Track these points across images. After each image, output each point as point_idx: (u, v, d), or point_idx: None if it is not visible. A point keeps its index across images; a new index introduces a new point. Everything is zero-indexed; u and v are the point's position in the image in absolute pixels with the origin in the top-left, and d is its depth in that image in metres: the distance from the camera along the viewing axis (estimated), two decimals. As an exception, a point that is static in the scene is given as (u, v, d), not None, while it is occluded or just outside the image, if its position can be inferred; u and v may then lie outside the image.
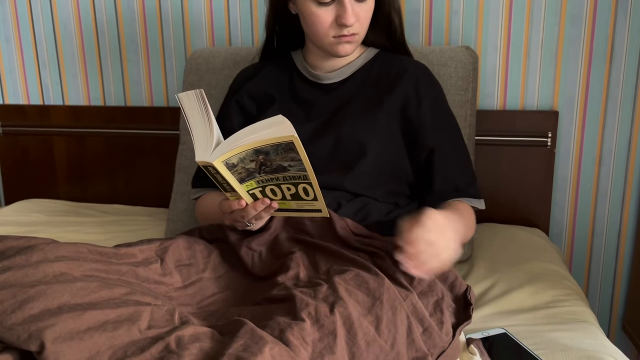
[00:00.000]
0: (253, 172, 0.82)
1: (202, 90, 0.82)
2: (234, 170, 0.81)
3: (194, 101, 0.82)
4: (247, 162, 0.80)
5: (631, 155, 1.47)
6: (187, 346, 0.60)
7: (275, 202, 0.86)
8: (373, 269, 0.80)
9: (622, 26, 1.41)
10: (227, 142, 0.79)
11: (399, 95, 1.09)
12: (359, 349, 0.69)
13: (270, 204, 0.86)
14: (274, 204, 0.86)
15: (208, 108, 0.82)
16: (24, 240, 0.77)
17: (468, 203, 1.08)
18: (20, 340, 0.58)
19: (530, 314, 1.02)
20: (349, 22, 0.99)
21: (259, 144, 0.77)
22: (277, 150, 0.78)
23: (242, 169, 0.81)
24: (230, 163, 0.80)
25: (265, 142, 0.77)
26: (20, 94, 1.80)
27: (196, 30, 1.63)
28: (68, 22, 1.71)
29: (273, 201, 0.86)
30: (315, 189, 0.83)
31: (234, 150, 0.78)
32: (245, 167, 0.81)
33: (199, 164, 0.81)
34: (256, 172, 0.82)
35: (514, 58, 1.47)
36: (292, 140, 0.76)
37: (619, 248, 1.53)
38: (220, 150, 0.79)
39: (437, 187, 1.07)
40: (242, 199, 0.86)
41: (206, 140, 0.81)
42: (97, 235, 1.41)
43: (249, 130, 0.78)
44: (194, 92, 0.82)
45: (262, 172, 0.82)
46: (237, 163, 0.80)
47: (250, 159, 0.80)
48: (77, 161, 1.76)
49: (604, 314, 1.59)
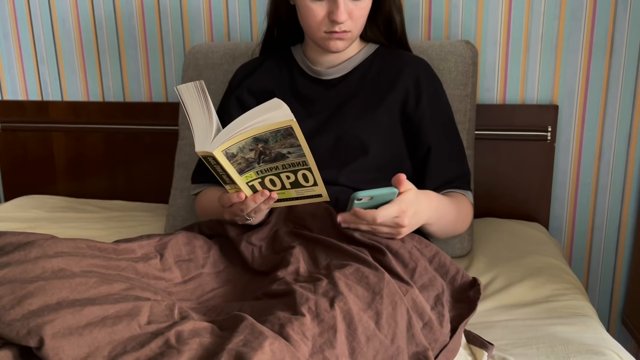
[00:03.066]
0: (252, 162, 0.82)
1: (202, 81, 0.82)
2: (233, 160, 0.81)
3: (193, 92, 0.82)
4: (246, 151, 0.80)
5: (631, 149, 1.47)
6: (187, 341, 0.60)
7: (275, 193, 0.86)
8: (373, 263, 0.80)
9: (622, 19, 1.40)
10: (226, 131, 0.79)
11: (399, 91, 1.09)
12: (359, 343, 0.69)
13: (269, 195, 0.86)
14: (273, 195, 0.86)
15: (208, 99, 0.82)
16: (23, 236, 0.77)
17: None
18: (19, 336, 0.58)
19: (530, 308, 1.02)
20: (340, 19, 0.99)
21: (258, 131, 0.77)
22: (277, 137, 0.78)
23: (242, 159, 0.81)
24: (230, 153, 0.80)
25: (264, 129, 0.77)
26: (19, 90, 1.80)
27: (195, 26, 1.62)
28: (66, 17, 1.70)
29: (272, 192, 0.86)
30: (315, 173, 0.83)
31: (234, 139, 0.78)
32: (245, 156, 0.81)
33: (199, 154, 0.81)
34: (255, 162, 0.82)
35: (513, 52, 1.47)
36: (290, 125, 0.76)
37: (618, 242, 1.53)
38: (219, 139, 0.79)
39: (432, 181, 1.08)
40: (241, 191, 0.86)
41: (206, 131, 0.81)
42: (96, 231, 1.41)
43: (248, 116, 0.78)
44: (194, 84, 0.82)
45: (262, 161, 0.82)
46: (237, 153, 0.80)
47: (250, 148, 0.80)
48: (76, 157, 1.75)
49: (603, 307, 1.59)
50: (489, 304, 1.04)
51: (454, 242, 1.25)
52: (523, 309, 1.02)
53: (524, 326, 0.95)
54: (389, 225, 0.89)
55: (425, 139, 1.09)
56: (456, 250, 1.25)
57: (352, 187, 1.04)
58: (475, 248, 1.29)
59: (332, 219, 0.93)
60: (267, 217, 0.97)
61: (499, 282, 1.12)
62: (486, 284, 1.12)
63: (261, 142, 0.79)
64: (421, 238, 0.96)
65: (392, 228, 0.89)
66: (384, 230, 0.90)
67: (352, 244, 0.89)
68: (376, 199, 0.87)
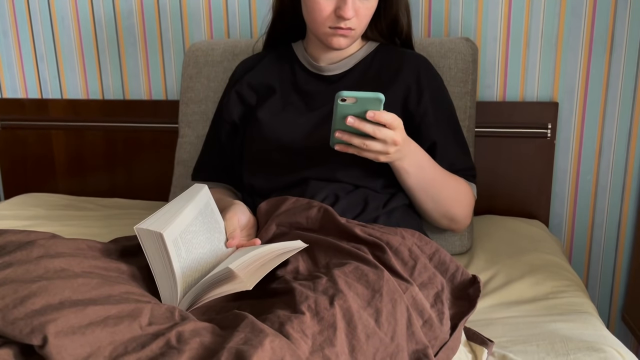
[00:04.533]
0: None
1: (162, 234, 0.72)
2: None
3: (153, 242, 0.74)
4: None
5: (631, 147, 1.47)
6: (188, 341, 0.60)
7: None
8: (372, 261, 0.80)
9: (623, 17, 1.40)
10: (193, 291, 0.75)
11: (400, 88, 1.09)
12: (358, 341, 0.69)
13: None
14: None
15: (169, 253, 0.74)
16: (24, 234, 0.77)
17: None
18: (22, 334, 0.59)
19: (530, 305, 1.02)
20: (347, 15, 0.99)
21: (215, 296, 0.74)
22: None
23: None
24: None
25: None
26: (19, 88, 1.80)
27: (194, 23, 1.62)
28: (65, 15, 1.70)
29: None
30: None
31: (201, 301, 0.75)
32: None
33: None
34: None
35: (513, 49, 1.47)
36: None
37: (618, 239, 1.53)
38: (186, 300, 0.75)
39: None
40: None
41: (170, 289, 0.75)
42: (96, 229, 1.41)
43: (209, 279, 0.75)
44: (154, 234, 0.73)
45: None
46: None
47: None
48: (76, 155, 1.75)
49: (603, 305, 1.59)
50: (489, 301, 1.05)
51: (453, 239, 1.25)
52: (523, 306, 1.02)
53: (524, 323, 0.95)
54: (383, 140, 0.88)
55: (429, 135, 1.09)
56: (456, 247, 1.26)
57: (351, 183, 1.04)
58: (475, 245, 1.29)
59: (330, 217, 0.93)
60: (266, 220, 0.98)
61: (499, 279, 1.12)
62: (486, 281, 1.12)
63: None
64: (421, 235, 0.97)
65: (385, 145, 0.89)
66: (376, 148, 0.89)
67: (352, 240, 0.89)
68: (360, 103, 0.85)
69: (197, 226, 0.82)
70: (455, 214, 1.10)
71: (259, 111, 1.11)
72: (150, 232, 0.73)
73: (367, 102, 0.86)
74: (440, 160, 1.08)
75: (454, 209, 1.09)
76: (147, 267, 0.79)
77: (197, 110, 1.43)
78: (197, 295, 0.75)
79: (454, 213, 1.09)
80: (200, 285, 0.74)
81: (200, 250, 0.80)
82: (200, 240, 0.81)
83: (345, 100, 0.85)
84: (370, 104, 0.86)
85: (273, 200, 1.01)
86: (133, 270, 0.79)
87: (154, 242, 0.74)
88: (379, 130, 0.87)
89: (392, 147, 0.90)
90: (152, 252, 0.75)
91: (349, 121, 0.87)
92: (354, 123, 0.87)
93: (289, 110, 1.10)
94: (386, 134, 0.88)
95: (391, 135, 0.88)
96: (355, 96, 0.85)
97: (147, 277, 0.80)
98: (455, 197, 1.08)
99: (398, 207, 1.07)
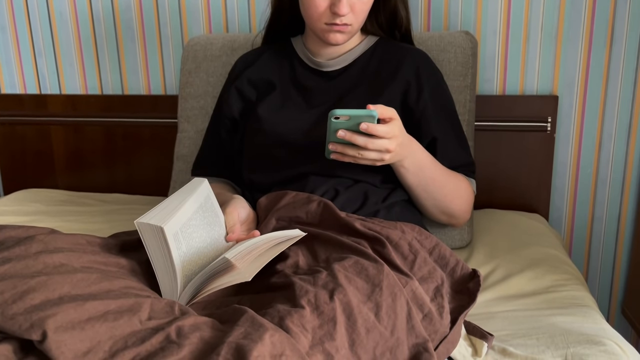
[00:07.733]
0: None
1: (162, 228, 0.72)
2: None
3: (154, 236, 0.74)
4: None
5: (631, 140, 1.47)
6: (188, 335, 0.60)
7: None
8: (372, 255, 0.80)
9: (623, 9, 1.40)
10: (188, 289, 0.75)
11: (399, 83, 1.09)
12: (358, 335, 0.69)
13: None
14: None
15: (169, 247, 0.74)
16: (23, 229, 0.77)
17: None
18: (22, 330, 0.58)
19: (530, 299, 1.02)
20: (341, 11, 0.99)
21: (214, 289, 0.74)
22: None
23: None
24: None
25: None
26: (17, 84, 1.79)
27: (193, 17, 1.61)
28: (64, 10, 1.69)
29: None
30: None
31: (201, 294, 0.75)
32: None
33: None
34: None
35: (513, 43, 1.46)
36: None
37: (618, 233, 1.53)
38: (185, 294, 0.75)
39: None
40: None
41: (171, 283, 0.75)
42: (95, 224, 1.41)
43: (207, 270, 0.75)
44: (155, 228, 0.73)
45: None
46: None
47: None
48: (75, 150, 1.75)
49: (603, 298, 1.59)
50: (488, 295, 1.05)
51: (453, 233, 1.25)
52: (523, 300, 1.02)
53: (524, 317, 0.95)
54: (377, 150, 0.89)
55: (428, 130, 1.09)
56: (456, 241, 1.26)
57: (350, 178, 1.04)
58: (475, 239, 1.29)
59: (330, 211, 0.93)
60: (266, 215, 0.98)
61: (499, 273, 1.12)
62: (486, 275, 1.12)
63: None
64: (421, 229, 0.96)
65: (379, 153, 0.89)
66: (371, 157, 0.90)
67: (352, 235, 0.89)
68: (353, 120, 0.86)
69: (198, 220, 0.82)
70: (455, 211, 1.10)
71: (259, 107, 1.11)
72: (151, 226, 0.73)
73: (360, 119, 0.86)
74: (440, 156, 1.08)
75: (453, 206, 1.09)
76: (146, 261, 0.79)
77: (196, 105, 1.42)
78: (196, 288, 0.75)
79: (453, 209, 1.10)
80: (199, 277, 0.74)
81: (200, 244, 0.80)
82: (200, 234, 0.81)
83: (338, 118, 0.85)
84: (363, 120, 0.86)
85: (273, 195, 1.01)
86: (133, 265, 0.79)
87: (155, 236, 0.74)
88: (371, 143, 0.87)
89: (386, 154, 0.90)
90: (152, 246, 0.75)
91: (340, 134, 0.87)
92: (345, 136, 0.87)
93: (288, 106, 1.10)
94: (379, 145, 0.88)
95: (385, 144, 0.88)
96: (349, 114, 0.85)
97: (147, 272, 0.79)
98: (454, 194, 1.08)
99: (398, 202, 1.07)
